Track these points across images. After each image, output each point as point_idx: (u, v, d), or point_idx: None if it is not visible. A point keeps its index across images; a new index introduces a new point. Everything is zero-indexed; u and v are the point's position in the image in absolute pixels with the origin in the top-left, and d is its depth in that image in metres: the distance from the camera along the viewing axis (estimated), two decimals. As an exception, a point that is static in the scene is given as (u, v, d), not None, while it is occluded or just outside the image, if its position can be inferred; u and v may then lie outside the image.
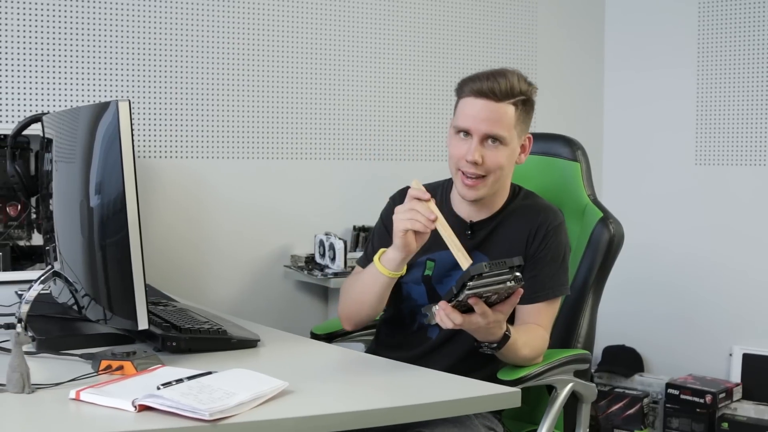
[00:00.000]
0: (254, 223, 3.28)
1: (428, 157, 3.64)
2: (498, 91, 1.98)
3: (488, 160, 2.00)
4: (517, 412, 2.33)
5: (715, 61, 3.77)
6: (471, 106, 2.00)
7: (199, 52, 3.14)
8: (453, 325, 1.74)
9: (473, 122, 1.99)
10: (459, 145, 2.02)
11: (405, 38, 3.57)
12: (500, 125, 1.99)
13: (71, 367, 1.68)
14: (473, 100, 2.00)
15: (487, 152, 2.00)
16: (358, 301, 2.07)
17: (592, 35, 4.11)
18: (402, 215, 1.90)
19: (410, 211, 1.89)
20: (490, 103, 1.98)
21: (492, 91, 1.97)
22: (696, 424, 3.53)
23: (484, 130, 1.99)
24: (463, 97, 2.03)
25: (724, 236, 3.75)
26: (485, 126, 1.99)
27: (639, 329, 3.94)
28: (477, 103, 1.99)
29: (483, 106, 1.99)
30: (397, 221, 1.91)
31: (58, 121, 2.12)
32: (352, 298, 2.09)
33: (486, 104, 1.98)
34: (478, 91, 1.99)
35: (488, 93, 1.98)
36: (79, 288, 1.94)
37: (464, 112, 2.01)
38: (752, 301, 3.66)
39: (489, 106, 1.98)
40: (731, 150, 3.74)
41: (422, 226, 1.89)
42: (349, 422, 1.45)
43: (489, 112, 1.98)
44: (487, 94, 1.98)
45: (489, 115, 1.98)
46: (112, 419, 1.39)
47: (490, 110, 1.98)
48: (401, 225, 1.90)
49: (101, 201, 1.76)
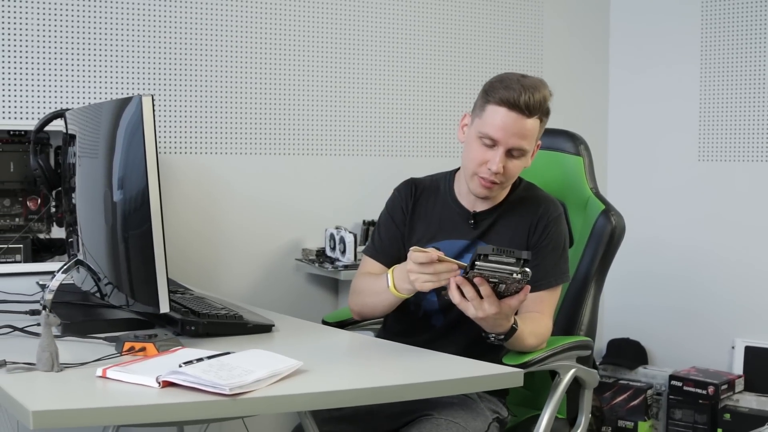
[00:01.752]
0: (266, 217, 3.36)
1: (437, 154, 3.71)
2: (531, 107, 2.00)
3: (509, 170, 2.06)
4: (520, 397, 2.42)
5: (718, 59, 3.83)
6: (503, 117, 2.01)
7: (213, 49, 3.22)
8: (459, 299, 1.80)
9: (503, 135, 2.01)
10: (483, 151, 2.05)
11: (415, 36, 3.64)
12: (528, 140, 2.04)
13: (95, 349, 1.76)
14: (506, 111, 2.00)
15: (510, 162, 2.05)
16: (370, 306, 2.13)
17: (598, 33, 4.18)
18: (424, 278, 1.84)
19: (434, 275, 1.83)
20: (521, 118, 2.00)
21: (527, 106, 1.99)
22: (699, 416, 3.60)
23: (512, 144, 2.02)
24: (493, 104, 2.03)
25: (726, 231, 3.81)
26: (514, 140, 2.01)
27: (643, 322, 4.01)
28: (509, 116, 2.00)
29: (515, 120, 2.00)
30: (421, 285, 1.85)
31: (81, 117, 2.20)
32: (363, 302, 2.15)
33: (518, 119, 2.00)
34: (513, 104, 1.99)
35: (522, 108, 1.99)
36: (101, 276, 2.03)
37: (494, 122, 2.02)
38: (754, 294, 3.72)
39: (520, 121, 2.00)
40: (734, 146, 3.81)
41: (451, 278, 1.84)
42: (361, 398, 1.53)
43: (518, 127, 2.01)
44: (522, 108, 1.99)
45: (519, 130, 2.01)
46: (138, 394, 1.47)
47: (521, 126, 2.01)
48: (428, 287, 1.86)
49: (124, 193, 1.84)
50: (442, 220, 2.18)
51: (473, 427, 1.99)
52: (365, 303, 2.14)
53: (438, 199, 2.23)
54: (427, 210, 2.22)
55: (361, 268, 2.24)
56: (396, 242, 2.20)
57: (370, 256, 2.22)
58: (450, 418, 1.96)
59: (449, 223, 2.17)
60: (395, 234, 2.21)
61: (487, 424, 2.05)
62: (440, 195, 2.23)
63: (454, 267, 1.82)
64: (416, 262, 1.84)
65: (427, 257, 1.82)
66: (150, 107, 1.71)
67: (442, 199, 2.23)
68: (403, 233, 2.22)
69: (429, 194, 2.24)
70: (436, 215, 2.20)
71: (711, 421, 3.57)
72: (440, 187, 2.24)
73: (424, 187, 2.25)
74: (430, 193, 2.24)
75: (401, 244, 2.19)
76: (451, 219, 2.18)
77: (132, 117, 1.85)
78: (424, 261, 1.82)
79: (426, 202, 2.23)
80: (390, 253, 2.18)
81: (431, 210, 2.22)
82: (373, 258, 2.21)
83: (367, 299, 2.12)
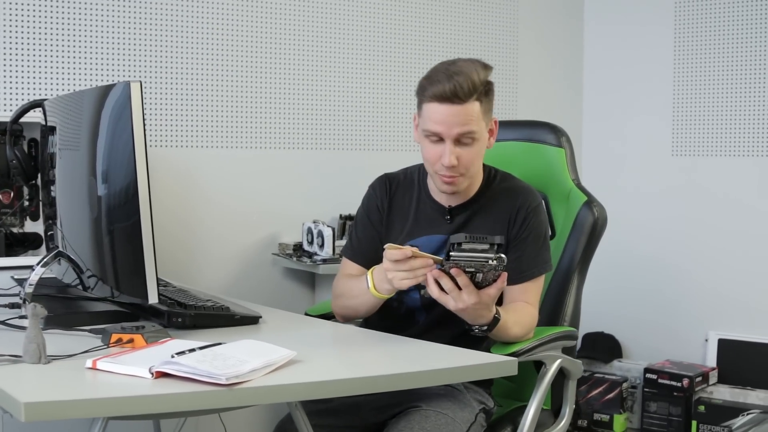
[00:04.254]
0: (242, 211, 3.33)
1: (413, 148, 3.70)
2: (461, 93, 1.97)
3: (463, 159, 2.03)
4: (503, 389, 2.41)
5: (692, 53, 3.87)
6: (437, 112, 1.99)
7: (189, 41, 3.18)
8: (438, 293, 1.80)
9: (444, 128, 1.99)
10: (432, 149, 2.04)
11: (388, 28, 3.63)
12: (472, 124, 2.00)
13: (81, 341, 1.73)
14: (438, 105, 1.99)
15: (462, 151, 2.02)
16: (352, 308, 2.12)
17: (572, 24, 4.19)
18: (401, 275, 1.84)
19: (410, 272, 1.83)
20: (454, 107, 1.98)
21: (455, 94, 1.96)
22: (673, 408, 3.63)
23: (455, 134, 2.00)
24: (427, 101, 2.02)
25: (699, 225, 3.85)
26: (457, 129, 1.99)
27: (617, 316, 4.03)
28: (442, 109, 1.98)
29: (448, 111, 1.98)
30: (399, 283, 1.86)
31: (61, 106, 2.16)
32: (345, 305, 2.14)
33: (451, 109, 1.98)
34: (443, 97, 1.97)
35: (452, 97, 1.97)
36: (84, 268, 2.00)
37: (432, 118, 2.00)
38: (727, 287, 3.76)
39: (454, 110, 1.98)
40: (707, 141, 3.84)
41: (426, 276, 1.84)
42: (357, 387, 1.52)
43: (456, 116, 1.98)
44: (451, 98, 1.97)
45: (458, 119, 1.98)
46: (131, 385, 1.44)
47: (457, 114, 1.98)
48: (406, 284, 1.86)
49: (110, 183, 1.81)
50: (418, 216, 2.17)
51: (461, 418, 1.99)
52: (347, 306, 2.12)
53: (413, 194, 2.21)
54: (403, 206, 2.20)
55: (341, 271, 2.23)
56: (373, 242, 2.18)
57: (348, 258, 2.21)
58: (438, 409, 1.96)
59: (425, 219, 2.16)
60: (372, 234, 2.20)
61: (474, 415, 2.05)
62: (414, 190, 2.21)
63: (430, 261, 1.82)
64: (391, 260, 1.84)
65: (402, 254, 1.82)
66: (138, 94, 1.67)
67: (416, 195, 2.21)
68: (380, 232, 2.21)
69: (404, 190, 2.22)
70: (411, 211, 2.19)
71: (686, 413, 3.60)
72: (414, 182, 2.22)
73: (399, 182, 2.23)
74: (405, 188, 2.22)
75: (378, 244, 2.15)
76: (426, 215, 2.17)
77: (116, 104, 1.82)
78: (399, 258, 1.83)
79: (402, 198, 2.22)
80: (368, 253, 2.17)
81: (407, 206, 2.20)
82: (352, 260, 2.19)
83: (349, 302, 2.11)
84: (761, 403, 3.54)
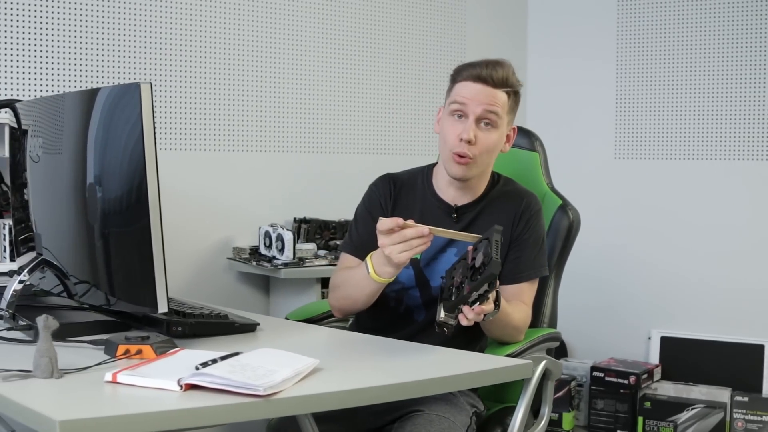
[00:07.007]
0: (195, 215, 3.26)
1: (369, 150, 3.69)
2: (495, 78, 2.09)
3: (480, 141, 2.09)
4: (485, 391, 2.42)
5: (634, 58, 3.97)
6: (468, 89, 2.10)
7: (144, 43, 3.10)
8: (480, 318, 1.79)
9: (470, 103, 2.09)
10: (454, 125, 2.11)
11: (349, 32, 3.61)
12: (497, 111, 2.10)
13: (80, 353, 1.65)
14: (471, 84, 2.10)
15: (480, 133, 2.09)
16: (351, 298, 2.09)
17: (517, 24, 4.25)
18: (398, 248, 1.85)
19: (405, 243, 1.84)
20: (486, 88, 2.10)
21: (490, 77, 2.09)
22: (620, 405, 3.71)
23: (480, 112, 2.09)
24: (460, 81, 2.13)
25: (640, 227, 3.96)
26: (481, 108, 2.08)
27: (561, 316, 4.06)
28: (474, 87, 2.10)
29: (480, 90, 2.09)
30: (397, 257, 1.86)
31: (37, 109, 2.07)
32: (344, 295, 2.11)
33: (483, 88, 2.10)
34: (477, 76, 2.10)
35: (486, 78, 2.09)
36: (69, 275, 1.92)
37: (461, 93, 2.11)
38: (668, 286, 3.88)
39: (485, 90, 2.10)
40: (649, 144, 3.95)
41: (424, 245, 1.86)
42: (386, 395, 1.50)
43: (485, 96, 2.09)
44: (486, 79, 2.09)
45: (485, 98, 2.09)
46: (159, 399, 1.39)
47: (486, 94, 2.09)
48: (404, 257, 1.86)
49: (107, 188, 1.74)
50: (424, 214, 2.16)
51: (460, 421, 1.99)
52: (347, 295, 2.09)
53: (417, 194, 2.22)
54: (408, 205, 2.20)
55: (340, 264, 2.20)
56: (374, 237, 2.16)
57: (348, 252, 2.18)
58: (439, 413, 1.95)
59: (431, 218, 2.15)
60: (373, 229, 2.17)
61: (469, 418, 2.05)
62: (419, 190, 2.22)
63: (423, 230, 1.84)
64: (381, 230, 1.86)
65: (391, 221, 1.85)
66: (149, 95, 1.61)
67: (421, 194, 2.22)
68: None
69: (408, 189, 2.22)
70: (417, 210, 2.19)
71: (632, 409, 3.69)
72: (418, 182, 2.23)
73: (403, 182, 2.24)
74: (410, 188, 2.23)
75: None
76: (432, 213, 2.17)
77: (109, 107, 1.76)
78: (389, 225, 1.84)
79: (406, 197, 2.22)
80: (368, 247, 2.14)
81: (412, 205, 2.20)
82: (352, 254, 2.17)
83: (348, 291, 2.08)
84: (704, 398, 3.65)
